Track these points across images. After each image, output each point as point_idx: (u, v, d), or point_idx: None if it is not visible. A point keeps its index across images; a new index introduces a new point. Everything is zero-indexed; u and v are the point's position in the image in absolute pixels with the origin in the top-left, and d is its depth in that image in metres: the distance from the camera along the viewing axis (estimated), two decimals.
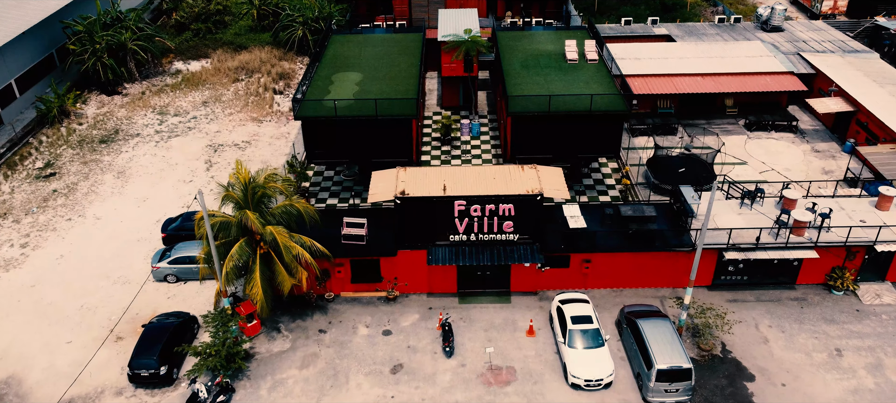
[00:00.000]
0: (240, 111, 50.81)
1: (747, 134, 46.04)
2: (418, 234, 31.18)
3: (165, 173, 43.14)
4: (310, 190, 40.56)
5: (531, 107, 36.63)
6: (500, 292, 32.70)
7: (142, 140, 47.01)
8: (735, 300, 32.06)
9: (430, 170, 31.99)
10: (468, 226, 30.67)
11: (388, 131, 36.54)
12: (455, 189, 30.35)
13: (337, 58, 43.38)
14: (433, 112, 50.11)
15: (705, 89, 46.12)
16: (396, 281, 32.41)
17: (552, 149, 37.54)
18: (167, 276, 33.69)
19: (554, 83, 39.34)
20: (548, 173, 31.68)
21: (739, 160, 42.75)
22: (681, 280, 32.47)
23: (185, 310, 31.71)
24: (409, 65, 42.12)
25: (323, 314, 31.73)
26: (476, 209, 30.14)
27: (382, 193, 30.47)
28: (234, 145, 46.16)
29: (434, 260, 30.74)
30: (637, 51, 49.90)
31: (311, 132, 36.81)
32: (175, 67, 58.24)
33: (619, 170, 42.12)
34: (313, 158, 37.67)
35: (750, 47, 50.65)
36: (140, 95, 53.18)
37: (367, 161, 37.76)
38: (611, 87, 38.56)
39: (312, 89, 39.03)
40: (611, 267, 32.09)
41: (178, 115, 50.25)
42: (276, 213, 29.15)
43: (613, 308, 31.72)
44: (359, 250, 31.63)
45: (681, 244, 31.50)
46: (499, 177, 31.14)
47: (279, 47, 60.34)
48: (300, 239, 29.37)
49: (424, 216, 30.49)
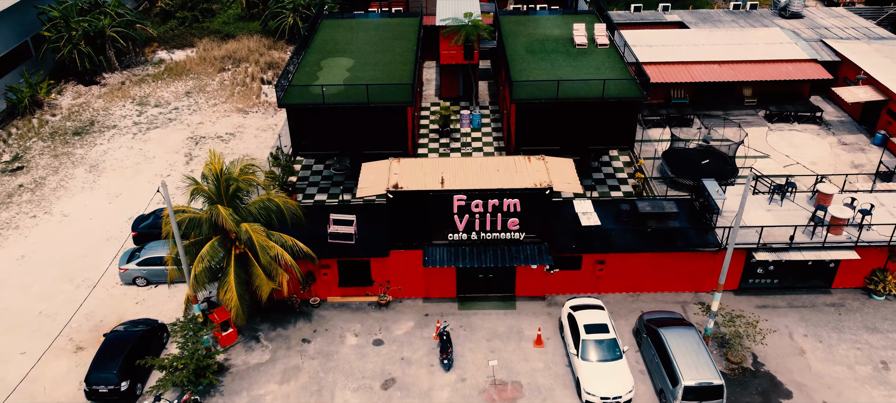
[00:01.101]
0: (225, 102, 47.62)
1: (768, 125, 42.86)
2: (413, 233, 28.00)
3: (142, 167, 39.96)
4: (296, 185, 37.37)
5: (538, 93, 33.46)
6: (504, 297, 29.52)
7: (118, 132, 43.82)
8: (765, 306, 28.88)
9: (426, 162, 28.83)
10: (469, 224, 27.50)
11: (381, 120, 33.37)
12: (454, 182, 27.17)
13: (327, 43, 40.21)
14: (431, 103, 46.94)
15: (723, 77, 42.96)
16: (389, 284, 29.23)
17: (560, 140, 34.32)
18: (136, 279, 30.53)
19: (562, 69, 36.17)
20: (557, 164, 28.50)
21: (761, 153, 39.57)
22: (705, 283, 29.30)
23: (153, 317, 28.55)
24: (405, 50, 38.94)
25: (307, 321, 28.56)
26: (477, 204, 26.96)
27: (373, 187, 27.30)
28: (216, 137, 42.97)
29: (430, 261, 27.56)
30: (649, 38, 46.73)
31: (297, 121, 33.63)
32: (158, 57, 55.06)
33: (632, 164, 38.94)
34: (300, 150, 34.46)
35: (769, 34, 47.49)
36: (119, 85, 50.01)
37: (359, 153, 34.56)
38: (624, 73, 35.38)
39: (299, 75, 35.85)
40: (627, 269, 28.91)
41: (158, 106, 47.06)
42: (252, 209, 25.97)
43: (630, 314, 28.54)
44: (347, 250, 28.45)
45: (705, 244, 28.31)
46: (503, 169, 27.96)
47: (269, 36, 57.22)
48: (280, 238, 26.20)
49: (420, 212, 27.31)
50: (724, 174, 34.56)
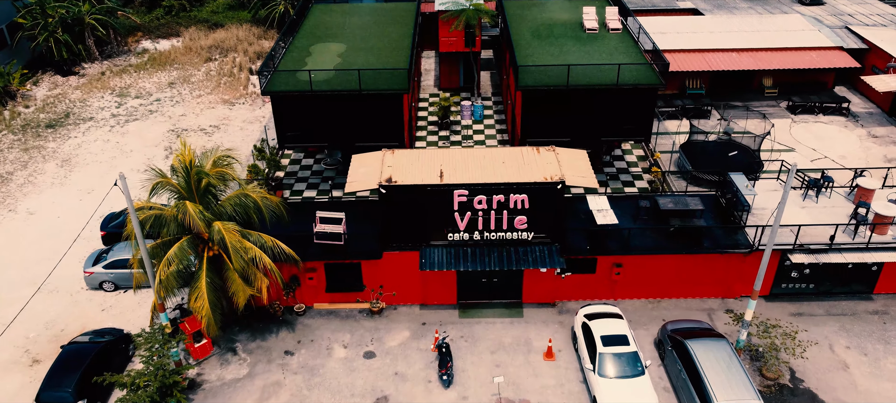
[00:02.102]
0: (210, 93, 44.68)
1: (791, 117, 39.92)
2: (409, 232, 25.07)
3: (117, 161, 37.02)
4: (283, 181, 34.44)
5: (545, 80, 30.55)
6: (510, 303, 26.61)
7: (94, 124, 40.88)
8: (800, 313, 25.94)
9: (423, 153, 25.90)
10: (471, 222, 24.58)
11: (374, 109, 30.47)
12: (455, 175, 24.26)
13: (317, 28, 37.30)
14: (429, 94, 44.01)
15: (743, 66, 40.09)
16: (382, 289, 26.32)
17: (570, 130, 31.42)
18: (103, 283, 27.62)
19: (571, 54, 33.25)
20: (569, 156, 25.57)
21: (786, 146, 36.63)
22: (733, 288, 26.37)
23: (119, 327, 25.64)
24: (401, 36, 36.03)
25: (290, 331, 25.63)
26: (481, 201, 24.04)
27: (364, 181, 24.37)
28: (199, 130, 40.03)
29: (428, 264, 24.64)
30: (662, 24, 43.80)
31: (283, 111, 30.73)
32: (142, 46, 52.12)
33: (647, 158, 36.01)
34: (286, 142, 31.55)
35: (790, 21, 44.59)
36: (99, 76, 47.07)
37: (351, 145, 31.67)
38: (640, 59, 32.47)
39: (286, 61, 32.95)
40: (647, 272, 25.98)
41: (139, 97, 44.12)
42: (226, 206, 23.03)
43: (650, 323, 25.61)
44: (335, 252, 25.52)
45: (735, 244, 25.37)
46: (509, 161, 25.03)
47: (259, 25, 54.28)
48: (259, 239, 23.27)
49: (416, 209, 24.39)
50: (748, 168, 31.64)
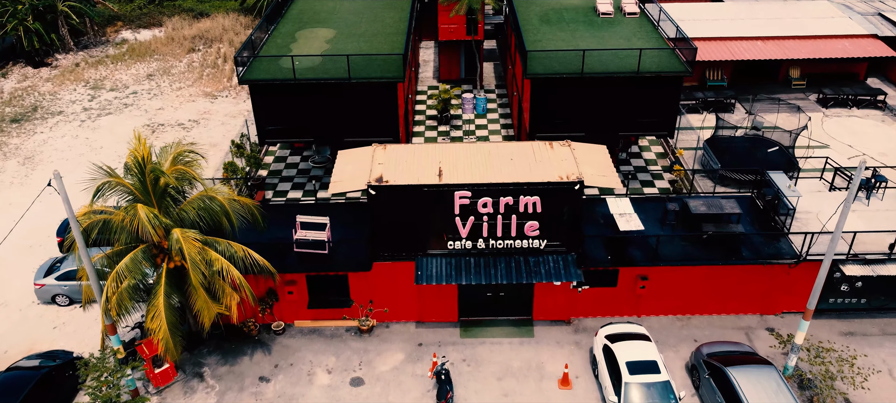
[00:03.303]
0: (191, 85, 41.38)
1: (823, 110, 36.62)
2: (402, 240, 21.78)
3: (85, 159, 33.72)
4: (265, 180, 31.15)
5: (557, 67, 27.27)
6: (518, 320, 23.31)
7: (64, 119, 37.59)
8: (851, 333, 22.65)
9: (419, 149, 22.61)
10: (474, 228, 21.29)
11: (365, 100, 27.18)
12: (456, 174, 20.98)
13: (304, 12, 33.98)
14: (428, 86, 40.71)
15: (769, 55, 36.73)
16: (372, 305, 23.02)
17: (585, 124, 28.13)
18: (56, 297, 24.36)
19: (584, 41, 29.95)
20: (587, 152, 22.27)
21: (819, 143, 33.32)
22: (774, 303, 23.08)
23: (70, 349, 22.37)
24: (396, 20, 32.73)
25: (267, 353, 22.33)
26: (486, 203, 20.75)
27: (350, 180, 21.06)
28: (177, 124, 36.73)
29: (425, 276, 21.36)
30: (679, 11, 40.42)
31: (263, 102, 27.43)
32: (121, 36, 48.82)
33: (667, 154, 32.71)
34: (267, 137, 28.25)
35: (817, 7, 41.23)
36: (73, 68, 43.77)
37: (339, 141, 28.38)
38: (661, 45, 29.19)
39: (268, 47, 29.65)
40: (676, 285, 22.68)
41: (114, 90, 40.83)
42: (189, 211, 19.72)
43: (680, 344, 22.32)
44: (319, 262, 22.24)
45: (778, 254, 22.06)
46: (518, 158, 21.74)
47: (247, 14, 50.95)
48: (228, 248, 19.99)
49: (411, 214, 21.11)
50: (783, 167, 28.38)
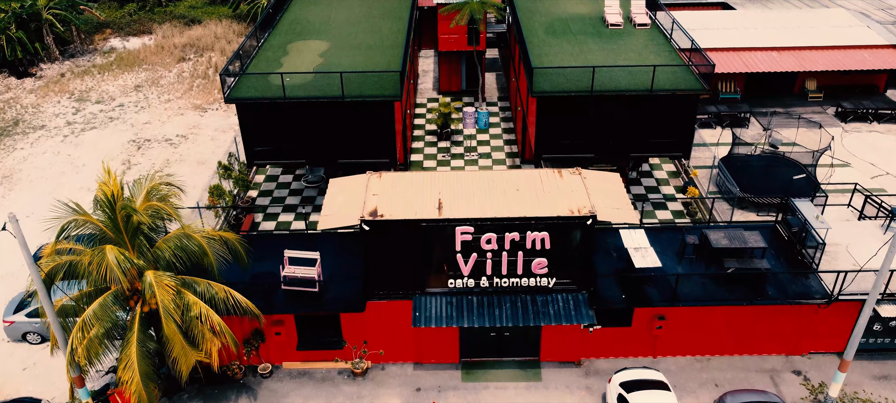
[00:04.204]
0: (180, 97, 39.67)
1: (842, 125, 34.91)
2: (399, 278, 20.07)
3: (67, 178, 32.03)
4: (255, 202, 29.45)
5: (564, 84, 25.56)
6: (525, 362, 21.59)
7: (46, 134, 35.88)
8: (885, 376, 20.90)
9: (417, 177, 20.87)
10: (477, 266, 19.58)
11: (360, 119, 25.49)
12: (457, 207, 19.25)
13: (297, 23, 32.27)
14: (428, 98, 38.99)
15: (785, 67, 35.05)
16: (366, 346, 21.30)
17: (594, 145, 26.45)
18: (27, 335, 22.66)
19: (593, 54, 28.25)
20: (599, 181, 20.55)
21: (841, 161, 31.60)
22: (801, 343, 21.35)
23: (37, 397, 20.64)
24: (394, 31, 31.01)
25: (252, 398, 20.60)
26: (490, 240, 19.04)
27: (341, 214, 19.35)
28: (164, 140, 35.02)
29: (423, 317, 19.64)
30: (691, 20, 38.71)
31: (251, 122, 25.74)
32: (109, 45, 47.12)
33: (679, 173, 30.98)
34: (256, 158, 26.54)
35: (833, 16, 39.55)
36: (58, 78, 42.08)
37: (333, 162, 26.70)
38: (675, 59, 27.48)
39: (257, 61, 27.95)
40: (695, 325, 20.96)
41: (100, 102, 39.11)
42: (164, 250, 17.99)
43: (700, 389, 20.58)
44: (308, 301, 20.53)
45: (808, 293, 20.32)
46: (525, 187, 20.02)
47: (240, 21, 49.23)
48: (208, 289, 18.27)
49: (408, 250, 19.40)
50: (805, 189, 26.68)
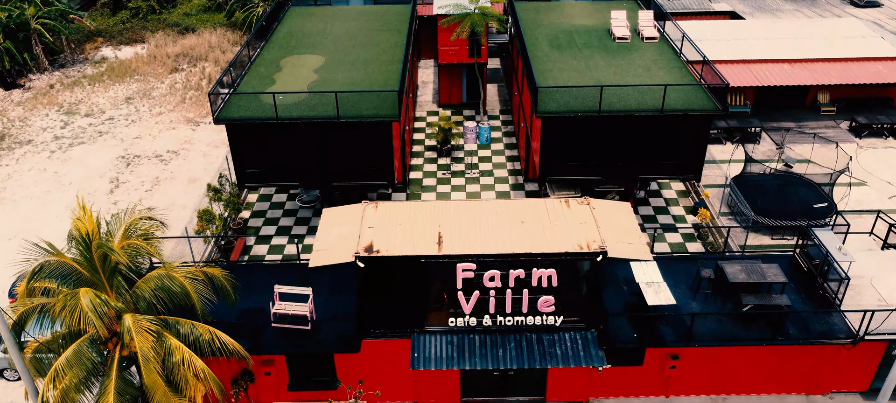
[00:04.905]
0: (172, 109, 38.48)
1: (856, 141, 33.72)
2: (396, 315, 18.89)
3: (53, 197, 30.86)
4: (248, 223, 28.27)
5: (571, 104, 24.38)
6: (529, 401, 20.41)
7: (33, 149, 34.69)
8: None
9: (415, 208, 19.67)
10: (480, 303, 18.40)
11: (356, 141, 24.32)
12: (458, 240, 18.06)
13: (292, 36, 31.11)
14: (427, 111, 37.81)
15: (798, 81, 33.80)
16: (361, 386, 20.10)
17: (601, 167, 25.27)
18: (4, 371, 21.47)
19: (600, 70, 27.08)
20: (608, 212, 19.36)
21: (857, 180, 30.42)
22: (823, 382, 20.16)
23: None
24: (392, 45, 29.84)
25: None
26: (493, 276, 17.85)
27: (335, 250, 18.14)
28: (155, 156, 33.83)
29: (422, 359, 18.45)
30: (697, 30, 37.55)
31: (242, 144, 24.56)
32: (101, 54, 45.92)
33: (689, 193, 29.79)
34: (246, 181, 25.35)
35: (845, 26, 38.39)
36: (47, 89, 40.89)
37: (328, 185, 25.53)
38: (686, 76, 26.30)
39: (249, 78, 26.80)
40: (711, 364, 19.76)
41: (89, 115, 37.92)
42: (144, 291, 16.78)
43: None
44: (300, 339, 19.35)
45: (831, 331, 19.13)
46: (530, 219, 18.83)
47: (235, 30, 48.04)
48: (192, 331, 17.07)
49: (406, 287, 18.22)
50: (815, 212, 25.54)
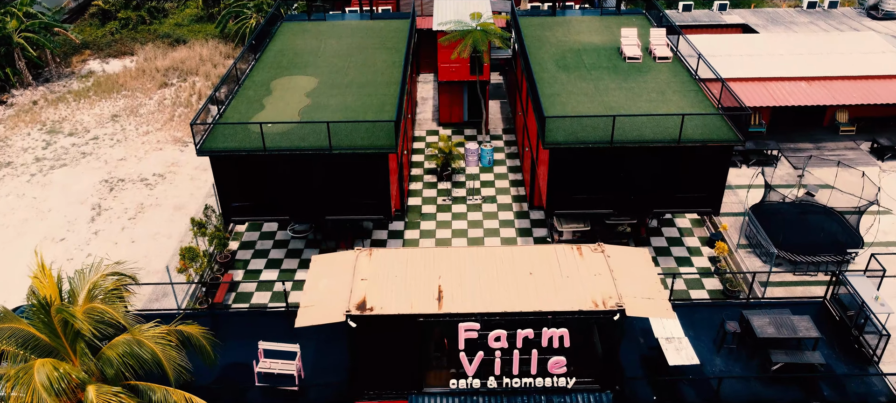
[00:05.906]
0: (160, 128, 36.79)
1: (879, 164, 32.04)
2: (392, 376, 17.19)
3: (29, 226, 29.16)
4: (236, 256, 26.58)
5: (581, 134, 22.68)
6: None
7: (11, 172, 33.01)
8: None
9: (413, 255, 17.95)
10: (484, 364, 16.69)
11: (350, 173, 22.64)
12: (460, 295, 16.35)
13: (284, 54, 29.44)
14: (427, 130, 36.11)
15: (816, 100, 32.02)
16: None
17: (613, 200, 23.58)
18: None
19: (611, 93, 25.41)
20: (625, 260, 17.64)
21: (883, 208, 28.73)
22: None
23: None
24: (389, 65, 28.17)
25: None
26: (499, 337, 16.16)
27: (324, 308, 16.41)
28: (140, 180, 32.14)
29: None
30: (708, 45, 35.82)
31: (227, 176, 22.88)
32: (88, 68, 44.23)
33: (704, 223, 28.10)
34: (232, 215, 23.67)
35: (864, 41, 36.70)
36: (30, 106, 39.22)
37: (320, 219, 23.86)
38: (703, 102, 24.61)
39: (237, 103, 25.10)
40: None
41: (73, 135, 36.24)
42: (111, 358, 15.06)
43: None
44: (287, 401, 17.64)
45: (868, 394, 17.45)
46: (539, 270, 17.12)
47: (228, 41, 46.35)
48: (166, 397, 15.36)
49: (403, 346, 16.53)
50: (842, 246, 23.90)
